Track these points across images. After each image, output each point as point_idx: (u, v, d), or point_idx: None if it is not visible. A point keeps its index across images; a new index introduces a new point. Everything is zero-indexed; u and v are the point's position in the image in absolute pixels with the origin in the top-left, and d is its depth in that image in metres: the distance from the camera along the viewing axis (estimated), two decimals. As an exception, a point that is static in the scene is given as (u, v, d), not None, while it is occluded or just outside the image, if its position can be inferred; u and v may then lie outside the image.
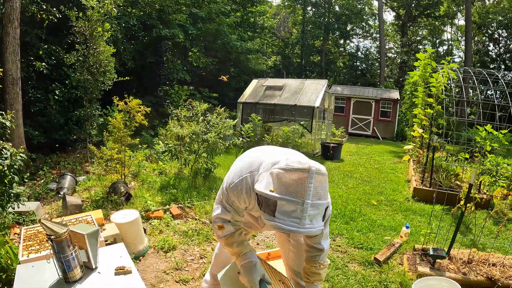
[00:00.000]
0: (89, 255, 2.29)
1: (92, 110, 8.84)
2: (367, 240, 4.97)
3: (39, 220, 2.13)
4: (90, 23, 8.34)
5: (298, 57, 35.08)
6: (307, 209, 1.71)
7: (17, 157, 4.61)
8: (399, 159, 11.67)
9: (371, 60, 35.85)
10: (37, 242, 3.35)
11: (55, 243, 2.09)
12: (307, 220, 1.72)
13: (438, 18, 32.27)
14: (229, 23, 18.09)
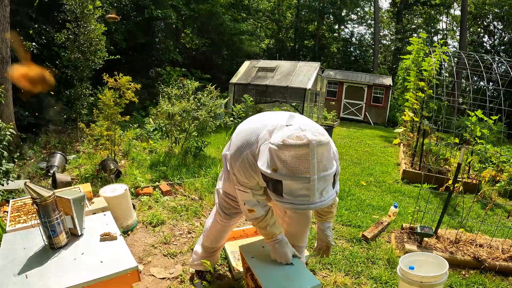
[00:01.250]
0: (75, 221, 2.29)
1: (82, 89, 8.75)
2: (355, 218, 5.02)
3: (25, 183, 2.13)
4: (80, 1, 8.22)
5: (291, 41, 34.86)
6: (314, 185, 1.67)
7: (7, 132, 4.57)
8: (390, 144, 11.73)
9: (365, 47, 35.75)
10: (24, 213, 3.35)
11: (41, 208, 2.09)
12: (317, 194, 1.69)
13: (434, 6, 32.15)
14: (222, 4, 17.91)
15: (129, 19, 13.70)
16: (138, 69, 14.20)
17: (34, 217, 3.25)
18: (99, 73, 8.93)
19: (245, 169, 2.16)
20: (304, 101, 11.50)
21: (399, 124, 15.00)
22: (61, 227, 2.17)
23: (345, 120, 19.34)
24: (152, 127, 8.84)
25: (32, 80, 5.07)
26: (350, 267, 3.72)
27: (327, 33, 35.38)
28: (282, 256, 2.33)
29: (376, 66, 28.44)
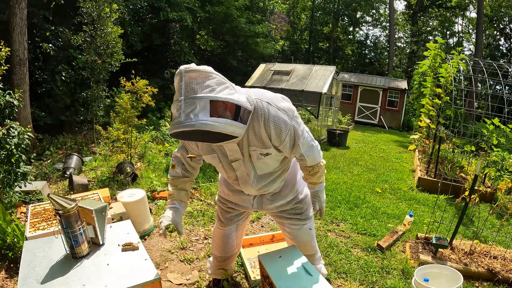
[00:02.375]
0: (97, 231, 2.31)
1: (99, 91, 8.85)
2: (370, 226, 4.99)
3: (48, 195, 2.15)
4: (97, 4, 8.31)
5: (306, 43, 34.83)
6: (181, 106, 1.70)
7: (25, 136, 4.64)
8: (405, 149, 11.65)
9: (380, 49, 35.55)
10: (44, 218, 3.39)
11: (63, 218, 2.11)
12: (183, 115, 1.69)
13: (449, 9, 31.83)
14: (237, 6, 17.94)
15: (145, 21, 13.79)
16: (153, 70, 14.28)
17: (54, 223, 3.28)
18: (114, 75, 9.05)
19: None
20: (320, 105, 11.45)
21: (414, 129, 14.88)
22: (83, 237, 2.17)
23: (360, 123, 19.20)
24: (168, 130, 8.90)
25: None
26: (365, 277, 3.70)
27: (342, 35, 35.28)
28: (161, 218, 2.41)
29: (391, 69, 28.23)
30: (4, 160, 4.37)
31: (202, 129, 1.69)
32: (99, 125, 8.22)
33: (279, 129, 2.06)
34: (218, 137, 1.86)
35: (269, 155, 2.20)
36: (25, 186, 4.80)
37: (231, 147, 2.18)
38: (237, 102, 1.82)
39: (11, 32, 7.42)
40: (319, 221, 5.07)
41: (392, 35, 29.18)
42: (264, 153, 2.18)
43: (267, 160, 2.25)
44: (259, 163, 2.27)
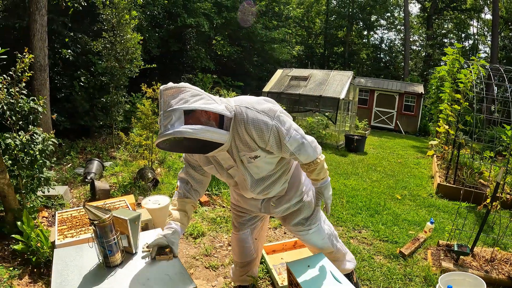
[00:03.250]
0: (130, 240, 2.32)
1: (118, 97, 8.96)
2: (392, 233, 4.97)
3: (83, 205, 2.18)
4: (117, 11, 8.43)
5: (321, 48, 34.82)
6: (161, 120, 1.89)
7: (49, 142, 4.73)
8: (422, 154, 11.57)
9: (395, 53, 35.37)
10: (71, 226, 3.42)
11: (98, 228, 2.11)
12: (162, 128, 1.86)
13: (464, 11, 31.50)
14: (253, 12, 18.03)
15: (162, 27, 13.94)
16: (170, 75, 14.40)
17: (83, 231, 3.32)
18: (133, 80, 9.16)
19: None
20: (338, 111, 11.44)
21: (431, 134, 14.77)
22: (117, 247, 2.18)
23: (376, 128, 19.04)
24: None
25: None
26: (388, 284, 3.69)
27: (357, 39, 35.20)
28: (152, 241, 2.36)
29: (407, 73, 28.01)
30: (27, 165, 4.46)
31: (177, 136, 1.85)
32: (119, 130, 8.35)
33: (260, 130, 2.12)
34: (204, 147, 2.06)
35: (258, 157, 2.25)
36: (48, 191, 4.89)
37: (222, 156, 2.29)
38: (211, 110, 1.95)
39: (32, 38, 7.54)
40: (341, 228, 5.08)
41: (407, 39, 28.99)
42: (253, 156, 2.23)
43: (258, 163, 2.29)
44: (251, 167, 2.31)
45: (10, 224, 4.22)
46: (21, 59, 4.52)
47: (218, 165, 2.39)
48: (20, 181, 4.48)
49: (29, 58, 4.60)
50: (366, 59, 35.01)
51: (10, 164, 4.36)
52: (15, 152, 4.29)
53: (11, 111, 4.43)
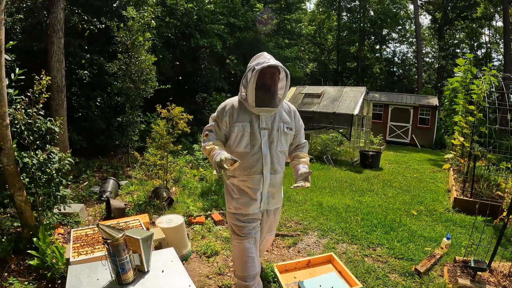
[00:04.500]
0: (142, 259, 2.36)
1: (134, 117, 9.09)
2: (407, 250, 4.90)
3: (97, 225, 2.23)
4: (131, 33, 8.61)
5: (334, 64, 34.88)
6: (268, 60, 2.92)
7: (65, 161, 4.83)
8: (439, 168, 11.43)
9: (408, 65, 35.18)
10: (86, 243, 3.47)
11: (111, 247, 2.17)
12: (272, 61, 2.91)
13: (475, 20, 31.18)
14: (266, 31, 18.17)
15: (176, 48, 14.13)
16: (185, 95, 14.56)
17: (97, 249, 3.37)
18: (147, 100, 9.30)
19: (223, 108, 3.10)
20: (352, 127, 11.40)
21: (447, 147, 14.60)
22: (130, 265, 2.22)
23: (391, 143, 18.86)
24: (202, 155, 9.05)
25: None
26: (403, 303, 3.67)
27: (369, 53, 35.16)
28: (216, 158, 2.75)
29: (421, 85, 27.79)
30: (44, 183, 4.56)
31: (280, 67, 2.93)
32: (134, 150, 8.45)
33: (297, 115, 3.38)
34: (273, 95, 3.01)
35: (291, 131, 3.20)
36: (64, 209, 4.99)
37: (266, 116, 3.03)
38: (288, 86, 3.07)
39: (50, 60, 7.75)
40: (355, 246, 5.04)
41: (419, 51, 28.84)
42: (290, 127, 3.17)
43: (288, 136, 3.19)
44: (282, 136, 3.12)
45: (26, 239, 4.33)
46: (38, 81, 4.66)
47: (256, 122, 3.03)
48: (37, 199, 4.59)
49: (46, 80, 4.73)
50: (379, 73, 34.89)
51: (28, 182, 4.49)
52: (32, 170, 4.39)
53: (29, 131, 4.57)
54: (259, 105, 2.95)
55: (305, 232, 5.47)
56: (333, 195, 7.61)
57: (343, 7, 34.41)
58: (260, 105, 2.95)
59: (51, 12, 7.72)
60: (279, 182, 3.27)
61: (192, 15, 14.46)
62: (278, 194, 3.33)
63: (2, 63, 4.02)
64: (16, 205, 4.35)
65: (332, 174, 9.75)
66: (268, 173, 3.09)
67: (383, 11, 32.67)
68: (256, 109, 2.96)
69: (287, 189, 7.87)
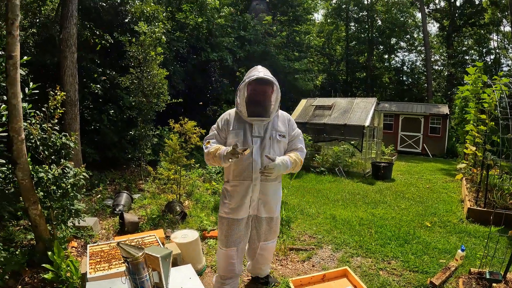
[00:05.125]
0: (161, 277, 2.38)
1: (146, 131, 9.19)
2: (422, 263, 4.86)
3: (118, 244, 2.27)
4: (143, 48, 8.73)
5: (343, 74, 34.91)
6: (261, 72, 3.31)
7: (80, 176, 4.91)
8: (451, 178, 11.35)
9: (417, 74, 35.06)
10: (103, 259, 3.48)
11: (131, 265, 2.19)
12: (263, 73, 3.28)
13: (483, 26, 31.05)
14: (275, 44, 18.28)
15: (187, 62, 14.27)
16: (196, 108, 14.65)
17: (114, 265, 3.40)
18: (158, 113, 9.40)
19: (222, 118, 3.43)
20: (363, 138, 11.38)
21: (459, 156, 14.49)
22: (149, 283, 2.24)
23: (403, 153, 18.75)
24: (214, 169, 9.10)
25: None
26: (420, 317, 3.65)
27: (378, 63, 35.17)
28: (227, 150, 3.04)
29: (431, 94, 27.66)
30: (59, 198, 4.63)
31: (271, 80, 3.24)
32: (147, 163, 8.52)
33: (293, 123, 3.57)
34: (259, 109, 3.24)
35: (284, 138, 3.39)
36: (78, 222, 5.04)
37: (259, 125, 3.29)
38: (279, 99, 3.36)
39: (63, 74, 7.86)
40: (370, 259, 5.02)
41: (428, 59, 28.77)
42: (283, 135, 3.36)
43: (281, 144, 3.38)
44: (275, 143, 3.32)
45: (41, 253, 4.37)
46: (53, 96, 4.74)
47: (249, 130, 3.29)
48: (52, 212, 4.66)
49: (61, 95, 4.83)
50: (389, 82, 34.85)
51: (42, 196, 4.55)
52: (47, 184, 4.46)
53: (44, 145, 4.64)
54: (251, 115, 3.24)
55: (319, 246, 5.46)
56: (346, 208, 7.59)
57: (351, 17, 34.55)
58: (252, 115, 3.24)
59: (64, 27, 7.86)
60: (271, 190, 3.43)
61: (202, 29, 14.63)
62: (271, 204, 3.46)
63: (18, 79, 4.11)
64: (30, 218, 4.40)
65: (344, 186, 9.73)
66: (258, 179, 3.29)
67: (390, 20, 32.74)
68: (249, 118, 3.25)
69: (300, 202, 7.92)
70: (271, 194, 3.43)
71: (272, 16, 19.07)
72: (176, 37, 13.75)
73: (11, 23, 4.01)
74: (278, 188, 3.55)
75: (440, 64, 35.93)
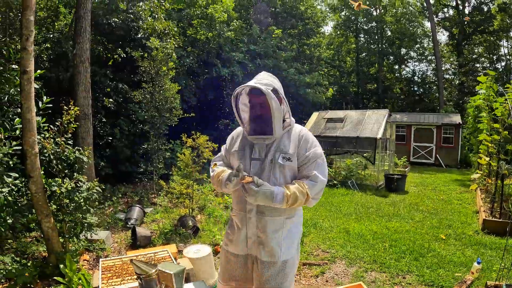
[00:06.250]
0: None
1: (159, 145, 9.26)
2: (437, 277, 4.79)
3: (131, 261, 2.28)
4: (155, 63, 8.84)
5: (354, 86, 34.86)
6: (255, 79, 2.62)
7: (93, 190, 4.95)
8: (465, 188, 11.22)
9: (428, 84, 34.83)
10: (115, 274, 3.49)
11: (144, 281, 2.21)
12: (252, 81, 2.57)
13: (492, 33, 30.80)
14: (285, 58, 18.35)
15: (198, 77, 14.40)
16: (208, 122, 14.74)
17: (127, 280, 3.40)
18: (172, 126, 9.47)
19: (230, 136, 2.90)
20: (375, 150, 11.31)
21: (473, 165, 14.34)
22: None
23: (416, 164, 18.57)
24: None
25: None
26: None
27: (389, 74, 35.06)
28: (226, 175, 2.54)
29: (442, 104, 27.45)
30: (72, 211, 4.67)
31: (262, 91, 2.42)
32: (159, 177, 8.57)
33: (308, 141, 2.64)
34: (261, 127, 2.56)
35: (290, 162, 2.55)
36: (91, 236, 5.09)
37: (260, 145, 2.61)
38: (287, 107, 2.63)
39: (76, 88, 7.99)
40: (384, 274, 4.96)
41: (439, 68, 28.57)
42: (288, 157, 2.55)
43: (286, 169, 2.57)
44: (277, 168, 2.55)
45: (53, 265, 4.42)
46: (67, 111, 4.81)
47: (248, 151, 2.66)
48: (64, 226, 4.71)
49: (75, 110, 4.89)
50: (400, 93, 34.66)
51: (55, 209, 4.60)
52: (60, 198, 4.50)
53: (57, 159, 4.70)
54: (252, 133, 2.62)
55: (332, 261, 5.41)
56: (359, 221, 7.53)
57: (360, 29, 34.55)
58: (253, 133, 2.62)
59: (77, 42, 8.01)
60: (271, 227, 2.59)
61: (212, 43, 14.75)
62: (270, 244, 2.58)
63: (32, 93, 4.18)
64: (43, 231, 4.45)
65: (357, 200, 9.66)
66: (254, 212, 2.60)
67: (400, 31, 32.64)
68: (250, 137, 2.65)
69: (312, 216, 7.88)
70: (271, 232, 2.58)
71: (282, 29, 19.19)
72: (187, 52, 13.88)
73: (26, 39, 4.10)
74: (285, 226, 2.64)
75: (451, 73, 35.62)
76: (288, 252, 2.62)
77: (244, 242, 2.66)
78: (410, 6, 33.77)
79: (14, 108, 5.19)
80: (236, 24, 16.69)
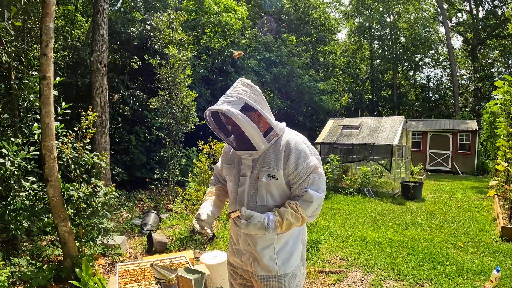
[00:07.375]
0: None
1: (175, 151, 9.33)
2: (456, 285, 4.71)
3: (151, 265, 2.30)
4: (172, 70, 8.94)
5: (369, 93, 34.72)
6: (222, 97, 2.30)
7: (111, 195, 5.00)
8: (483, 196, 11.08)
9: (444, 90, 34.53)
10: (132, 279, 3.48)
11: (164, 286, 2.23)
12: (219, 102, 2.26)
13: (507, 37, 30.37)
14: (300, 65, 18.37)
15: (214, 84, 14.51)
16: (224, 129, 14.83)
17: (144, 285, 3.42)
18: (188, 134, 9.53)
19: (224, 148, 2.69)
20: (392, 158, 11.24)
21: (490, 172, 14.15)
22: None
23: (432, 171, 18.35)
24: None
25: None
26: None
27: (403, 80, 34.86)
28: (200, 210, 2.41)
29: (458, 110, 27.14)
30: (89, 216, 4.74)
31: (227, 113, 2.14)
32: (175, 184, 8.62)
33: (297, 154, 2.24)
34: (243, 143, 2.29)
35: (276, 180, 2.26)
36: (107, 241, 5.14)
37: (247, 161, 2.37)
38: (268, 118, 2.23)
39: (94, 95, 8.13)
40: (402, 282, 4.90)
41: (454, 74, 28.28)
42: (272, 175, 2.26)
43: (272, 187, 2.29)
44: (262, 187, 2.30)
45: (68, 269, 4.47)
46: (85, 117, 4.89)
47: (237, 167, 2.44)
48: (81, 230, 4.77)
49: (93, 116, 4.97)
50: (415, 100, 34.35)
51: (72, 214, 4.67)
52: (77, 202, 4.56)
53: (75, 164, 4.77)
54: (237, 149, 2.39)
55: (349, 269, 5.37)
56: (376, 229, 7.46)
57: (374, 35, 34.45)
58: (239, 148, 2.37)
59: (95, 50, 8.16)
60: (261, 245, 2.37)
61: (227, 51, 14.86)
62: (264, 262, 2.38)
63: (51, 99, 4.26)
64: (59, 235, 4.51)
65: (374, 207, 9.58)
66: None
67: (414, 37, 32.42)
68: (237, 152, 2.41)
69: (329, 223, 7.85)
70: (261, 249, 2.38)
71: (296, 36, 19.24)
72: (202, 60, 14.00)
73: (45, 45, 4.19)
74: (277, 241, 2.40)
75: (466, 79, 35.23)
76: (286, 265, 2.42)
77: (240, 257, 2.52)
78: (424, 12, 33.58)
79: (33, 114, 5.31)
80: (251, 32, 16.79)
